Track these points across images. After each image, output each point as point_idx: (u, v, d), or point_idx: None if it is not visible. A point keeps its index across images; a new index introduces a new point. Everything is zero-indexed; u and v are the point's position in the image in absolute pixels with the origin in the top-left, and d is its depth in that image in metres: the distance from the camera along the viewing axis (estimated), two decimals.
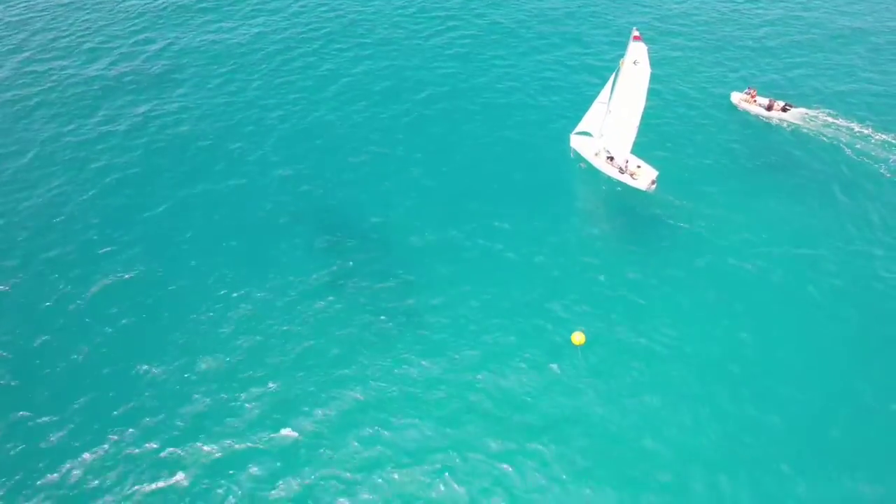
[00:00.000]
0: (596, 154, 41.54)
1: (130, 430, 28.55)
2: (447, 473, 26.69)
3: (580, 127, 41.91)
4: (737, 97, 47.17)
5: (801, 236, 36.71)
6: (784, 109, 45.24)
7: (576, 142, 42.78)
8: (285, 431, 28.22)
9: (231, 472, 26.94)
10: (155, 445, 27.98)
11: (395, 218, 38.84)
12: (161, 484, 26.74)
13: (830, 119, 44.76)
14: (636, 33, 37.92)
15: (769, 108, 45.74)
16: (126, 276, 35.67)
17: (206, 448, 27.77)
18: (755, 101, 46.24)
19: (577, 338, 29.98)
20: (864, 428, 27.71)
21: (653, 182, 38.91)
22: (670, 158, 41.75)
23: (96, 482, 26.84)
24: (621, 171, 40.00)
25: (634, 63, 37.98)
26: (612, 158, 40.66)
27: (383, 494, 26.16)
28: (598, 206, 40.77)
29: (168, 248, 37.39)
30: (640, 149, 40.06)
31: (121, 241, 37.87)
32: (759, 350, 30.84)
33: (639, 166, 40.05)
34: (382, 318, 32.95)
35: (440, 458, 27.20)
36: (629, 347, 31.03)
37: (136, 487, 26.64)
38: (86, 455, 27.70)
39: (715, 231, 37.11)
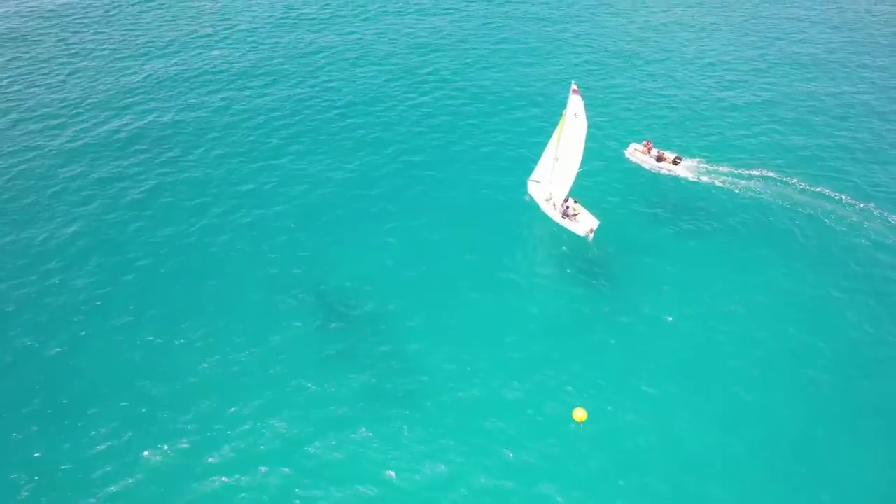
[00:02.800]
0: (546, 199, 42.75)
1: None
2: None
3: (534, 175, 43.06)
4: (633, 148, 51.48)
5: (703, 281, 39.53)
6: (675, 162, 50.19)
7: (531, 188, 44.08)
8: None
9: None
10: None
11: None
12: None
13: (719, 168, 49.77)
14: (574, 87, 39.74)
15: (659, 159, 50.43)
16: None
17: None
18: (650, 152, 50.89)
19: (579, 414, 29.53)
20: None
21: (591, 230, 40.54)
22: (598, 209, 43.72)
23: None
24: (564, 215, 41.45)
25: (575, 115, 39.76)
26: (555, 204, 41.99)
27: None
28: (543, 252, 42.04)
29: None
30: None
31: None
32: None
33: (576, 203, 42.03)
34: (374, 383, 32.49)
35: None
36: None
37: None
38: None
39: (641, 285, 39.12)
